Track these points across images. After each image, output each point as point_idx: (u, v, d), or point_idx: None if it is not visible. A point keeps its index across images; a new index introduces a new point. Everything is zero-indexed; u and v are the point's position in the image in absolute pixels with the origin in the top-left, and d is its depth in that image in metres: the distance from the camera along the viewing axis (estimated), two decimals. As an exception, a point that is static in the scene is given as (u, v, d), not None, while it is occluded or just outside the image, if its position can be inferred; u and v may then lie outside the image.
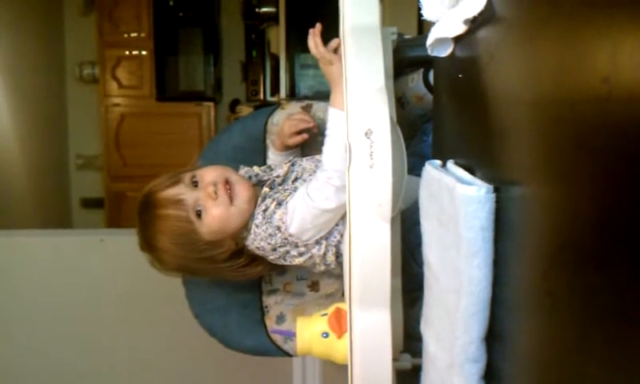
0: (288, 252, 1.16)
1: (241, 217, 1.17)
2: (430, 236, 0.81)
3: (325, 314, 1.05)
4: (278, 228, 1.13)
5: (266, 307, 1.33)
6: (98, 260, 2.65)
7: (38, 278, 2.65)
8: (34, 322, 2.65)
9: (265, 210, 1.15)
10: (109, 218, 4.37)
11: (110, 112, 4.39)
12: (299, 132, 1.29)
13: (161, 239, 1.18)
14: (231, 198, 1.16)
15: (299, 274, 1.33)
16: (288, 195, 1.16)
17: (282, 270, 1.32)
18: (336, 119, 1.08)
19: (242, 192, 1.17)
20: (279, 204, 1.14)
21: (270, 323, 1.30)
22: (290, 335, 1.23)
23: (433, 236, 0.79)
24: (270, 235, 1.14)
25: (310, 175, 1.19)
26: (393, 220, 0.83)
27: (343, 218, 1.09)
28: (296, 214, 1.11)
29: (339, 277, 1.23)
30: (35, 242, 2.77)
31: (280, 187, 1.22)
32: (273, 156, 1.35)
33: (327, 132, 1.11)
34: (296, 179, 1.22)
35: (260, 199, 1.18)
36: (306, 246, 1.15)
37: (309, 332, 1.05)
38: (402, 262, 1.00)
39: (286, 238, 1.14)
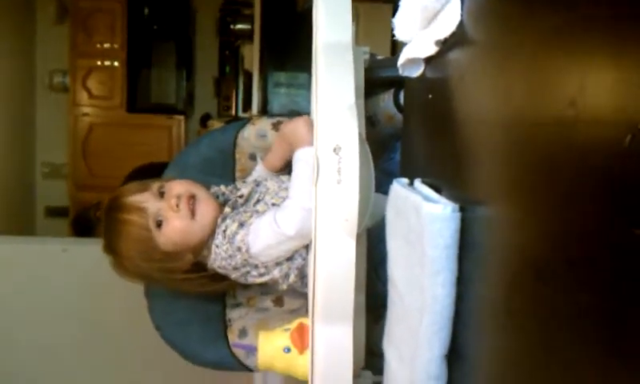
0: (249, 272, 1.17)
1: (201, 232, 1.18)
2: (395, 254, 0.82)
3: (287, 329, 1.04)
4: (239, 249, 1.13)
5: (229, 320, 1.31)
6: (61, 269, 2.62)
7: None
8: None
9: (224, 231, 1.15)
10: (72, 228, 4.30)
11: (79, 121, 4.33)
12: None
13: (120, 244, 1.19)
14: (193, 213, 1.17)
15: (263, 289, 1.32)
16: (250, 217, 1.16)
17: (246, 285, 1.31)
18: (305, 155, 1.08)
19: (205, 209, 1.18)
20: (241, 225, 1.14)
21: (233, 337, 1.29)
22: (252, 349, 1.22)
23: (399, 254, 0.79)
24: (231, 256, 1.15)
25: (272, 197, 1.19)
26: (358, 236, 0.84)
27: (307, 246, 1.09)
28: (260, 237, 1.11)
29: (303, 294, 1.23)
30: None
31: (242, 208, 1.21)
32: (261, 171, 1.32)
33: (296, 166, 1.11)
34: (258, 201, 1.21)
35: (220, 219, 1.18)
36: (266, 267, 1.15)
37: (271, 347, 1.04)
38: (365, 278, 1.00)
39: (245, 259, 1.14)
